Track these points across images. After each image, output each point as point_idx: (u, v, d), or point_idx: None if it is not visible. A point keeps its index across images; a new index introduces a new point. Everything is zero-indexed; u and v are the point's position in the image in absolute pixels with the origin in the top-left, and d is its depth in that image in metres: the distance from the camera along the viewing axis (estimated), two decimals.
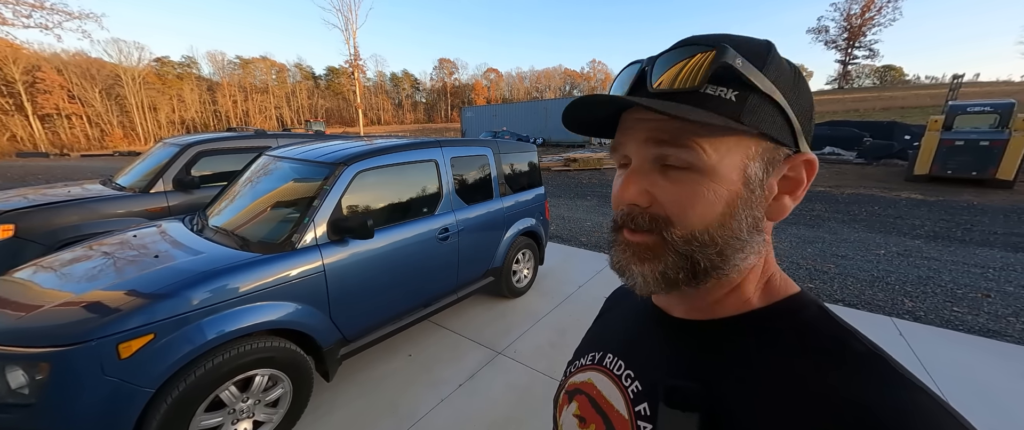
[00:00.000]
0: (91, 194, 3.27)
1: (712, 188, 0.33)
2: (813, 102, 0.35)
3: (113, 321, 1.36)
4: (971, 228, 5.59)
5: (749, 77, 0.30)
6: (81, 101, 46.25)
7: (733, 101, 0.31)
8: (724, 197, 0.33)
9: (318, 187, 2.02)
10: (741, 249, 0.34)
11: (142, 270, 1.68)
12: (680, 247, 0.34)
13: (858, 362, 0.29)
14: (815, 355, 0.31)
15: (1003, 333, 2.80)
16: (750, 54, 0.31)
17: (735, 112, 0.31)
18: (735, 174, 0.33)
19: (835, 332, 0.32)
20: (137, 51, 52.83)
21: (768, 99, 0.31)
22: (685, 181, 0.33)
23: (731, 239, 0.34)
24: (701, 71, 0.31)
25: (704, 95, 0.32)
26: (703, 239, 0.33)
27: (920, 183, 9.06)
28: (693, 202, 0.33)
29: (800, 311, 0.35)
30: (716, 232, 0.33)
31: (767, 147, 0.33)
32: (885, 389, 0.27)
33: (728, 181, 0.33)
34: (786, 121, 0.33)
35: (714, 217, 0.33)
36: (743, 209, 0.33)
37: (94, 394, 1.31)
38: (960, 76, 17.68)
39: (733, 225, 0.33)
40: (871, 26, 59.32)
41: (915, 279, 3.80)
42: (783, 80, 0.32)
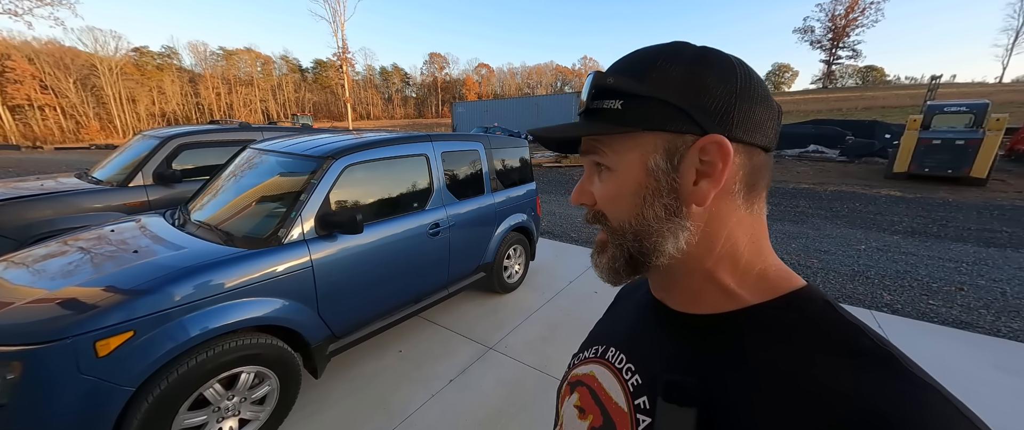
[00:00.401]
0: (66, 188, 3.15)
1: (622, 184, 0.38)
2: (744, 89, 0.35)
3: (90, 318, 1.31)
4: (946, 224, 5.80)
5: (623, 88, 0.36)
6: (54, 92, 44.43)
7: (619, 109, 0.37)
8: (632, 189, 0.37)
9: (305, 181, 1.98)
10: (656, 234, 0.37)
11: (120, 266, 1.62)
12: (613, 238, 0.40)
13: (867, 360, 0.29)
14: (821, 352, 0.30)
15: (975, 325, 2.92)
16: (634, 67, 0.37)
17: (619, 117, 0.36)
18: (636, 168, 0.37)
19: (842, 328, 0.32)
20: (114, 40, 51.00)
21: (652, 99, 0.35)
22: (606, 180, 0.39)
23: (645, 226, 0.37)
24: (587, 93, 0.39)
25: (596, 109, 0.39)
26: (624, 228, 0.38)
27: (899, 180, 9.34)
28: (612, 197, 0.39)
29: (805, 306, 0.34)
30: (633, 221, 0.38)
31: (668, 139, 0.35)
32: (896, 389, 0.27)
33: (631, 175, 0.37)
34: (681, 112, 0.34)
35: (628, 208, 0.38)
36: (652, 198, 0.36)
37: (70, 394, 1.26)
38: (938, 77, 18.28)
39: (646, 213, 0.37)
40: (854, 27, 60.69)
41: (893, 273, 3.92)
42: (668, 80, 0.35)
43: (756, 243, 0.38)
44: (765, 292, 0.36)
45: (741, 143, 0.35)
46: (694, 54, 0.36)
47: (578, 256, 4.33)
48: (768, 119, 0.36)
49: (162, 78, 58.00)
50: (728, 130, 0.34)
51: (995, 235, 5.22)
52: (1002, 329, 2.85)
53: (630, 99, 0.36)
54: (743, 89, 0.35)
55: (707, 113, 0.34)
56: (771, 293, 0.36)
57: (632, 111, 0.36)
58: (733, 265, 0.37)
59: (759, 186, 0.38)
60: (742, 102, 0.35)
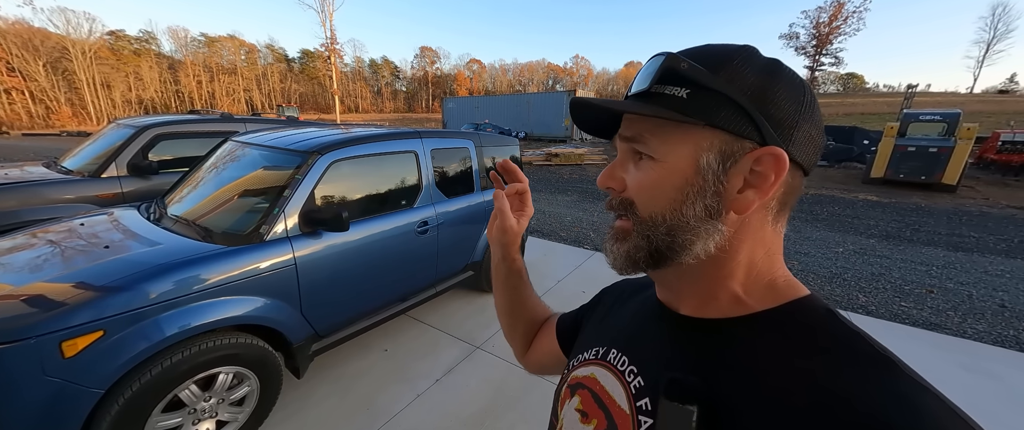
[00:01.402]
0: (33, 177, 3.00)
1: (663, 175, 0.36)
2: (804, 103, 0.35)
3: (55, 317, 1.25)
4: (919, 228, 6.03)
5: (695, 77, 0.34)
6: (22, 74, 42.24)
7: (684, 98, 0.35)
8: (676, 184, 0.36)
9: (290, 176, 1.93)
10: (691, 232, 0.36)
11: (91, 261, 1.55)
12: (641, 228, 0.38)
13: (867, 363, 0.30)
14: (822, 355, 0.31)
15: (943, 326, 3.05)
16: (710, 59, 0.35)
17: (683, 106, 0.35)
18: (685, 163, 0.35)
19: (843, 333, 0.32)
20: (88, 22, 48.71)
21: (721, 96, 0.34)
22: (646, 169, 0.38)
23: (681, 222, 0.36)
24: (652, 74, 0.36)
25: (656, 94, 0.36)
26: (656, 220, 0.37)
27: (876, 185, 9.66)
28: (649, 187, 0.37)
29: (808, 313, 0.35)
30: (668, 214, 0.36)
31: (724, 139, 0.34)
32: (896, 393, 0.27)
33: (679, 169, 0.36)
34: (746, 116, 0.33)
35: (666, 201, 0.36)
36: (695, 196, 0.35)
37: (33, 396, 1.20)
38: (914, 86, 19.00)
39: (683, 210, 0.36)
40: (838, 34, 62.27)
41: (869, 276, 4.06)
42: (742, 79, 0.34)
43: (771, 257, 0.38)
44: (771, 300, 0.36)
45: (792, 161, 0.35)
46: (768, 62, 0.36)
47: (567, 255, 4.35)
48: (820, 144, 0.37)
49: (140, 63, 55.74)
50: (787, 145, 0.34)
51: (963, 240, 5.45)
52: (968, 330, 2.99)
53: (698, 90, 0.35)
54: (808, 108, 0.35)
55: (772, 123, 0.34)
56: (776, 301, 0.36)
57: (698, 102, 0.34)
58: (746, 274, 0.37)
59: (789, 206, 0.38)
60: (804, 121, 0.35)
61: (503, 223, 0.62)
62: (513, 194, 0.66)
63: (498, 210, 0.62)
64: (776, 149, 0.34)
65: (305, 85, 78.96)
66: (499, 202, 0.63)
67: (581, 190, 8.74)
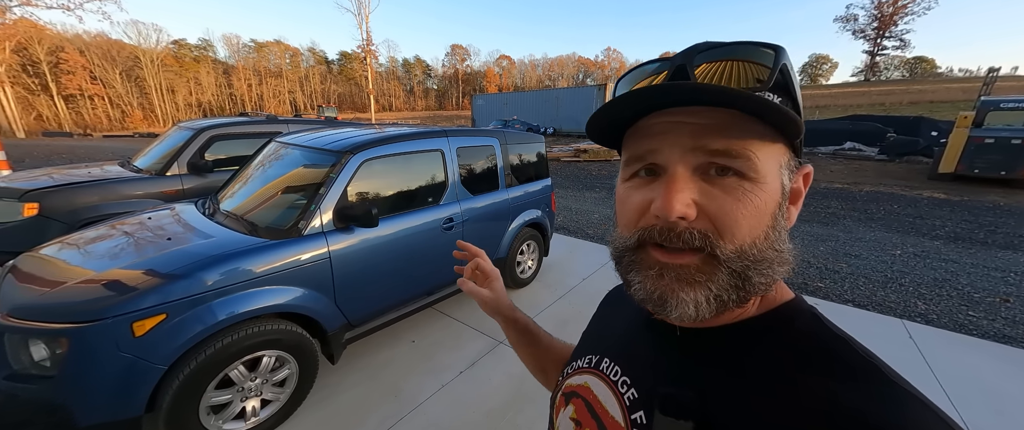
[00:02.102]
0: (110, 175, 3.37)
1: (763, 197, 0.31)
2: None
3: (127, 300, 1.42)
4: (995, 230, 5.39)
5: (792, 83, 0.31)
6: (103, 82, 47.32)
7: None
8: (772, 207, 0.32)
9: (325, 174, 2.05)
10: (783, 262, 0.33)
11: (157, 251, 1.74)
12: (734, 264, 0.31)
13: (853, 372, 0.29)
14: (809, 365, 0.31)
15: (1019, 340, 2.72)
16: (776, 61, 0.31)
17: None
18: (777, 183, 0.32)
19: (829, 341, 0.32)
20: (155, 33, 53.62)
21: (796, 106, 0.32)
22: (737, 190, 0.31)
23: (775, 251, 0.32)
24: (761, 71, 0.30)
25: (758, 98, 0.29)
26: (754, 254, 0.31)
27: (944, 181, 8.72)
28: (747, 213, 0.31)
29: (795, 319, 0.35)
30: (763, 244, 0.31)
31: (791, 156, 0.34)
32: (880, 400, 0.27)
33: (772, 189, 0.32)
34: (799, 130, 0.32)
35: (763, 229, 0.31)
36: (780, 218, 0.33)
37: (110, 369, 1.38)
38: (996, 70, 16.65)
39: (773, 235, 0.32)
40: (903, 15, 56.37)
41: (930, 281, 3.70)
42: (796, 91, 0.32)
43: None
44: (762, 306, 0.36)
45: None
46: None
47: (592, 253, 4.30)
48: None
49: (199, 69, 60.70)
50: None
51: None
52: None
53: (788, 99, 0.32)
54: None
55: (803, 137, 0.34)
56: (766, 306, 0.36)
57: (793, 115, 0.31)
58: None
59: None
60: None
61: (478, 300, 0.67)
62: (472, 272, 0.70)
63: (468, 294, 0.67)
64: (809, 168, 0.35)
65: (343, 85, 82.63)
66: (465, 287, 0.68)
67: (609, 187, 8.56)
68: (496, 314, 0.68)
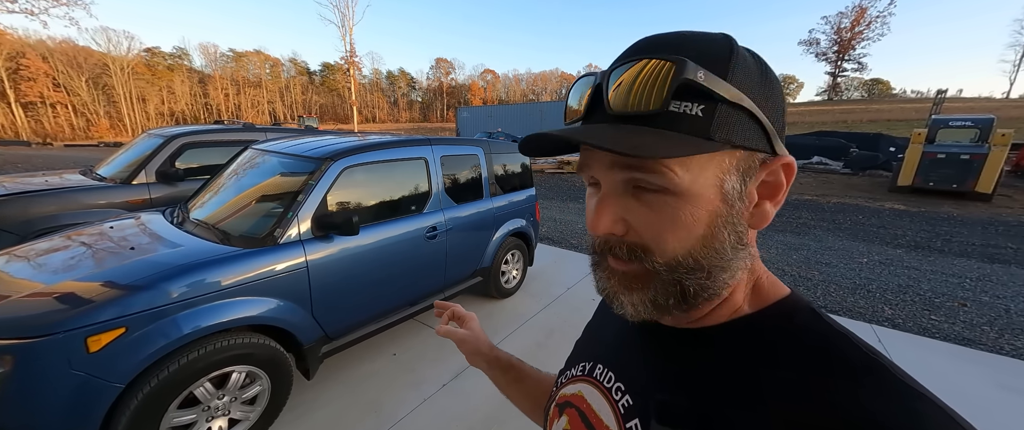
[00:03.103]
0: (70, 184, 3.19)
1: (689, 211, 0.31)
2: (783, 96, 0.33)
3: (82, 313, 1.32)
4: (950, 239, 5.73)
5: (713, 89, 0.28)
6: (67, 90, 45.15)
7: (700, 116, 0.29)
8: (703, 218, 0.31)
9: (303, 182, 2.00)
10: (727, 268, 0.32)
11: (117, 262, 1.63)
12: (665, 275, 0.32)
13: (855, 369, 0.28)
14: (809, 364, 0.30)
15: (977, 341, 2.87)
16: (712, 60, 0.29)
17: (703, 128, 0.29)
18: (712, 192, 0.31)
19: (830, 338, 0.31)
20: (127, 41, 51.84)
21: (736, 107, 0.29)
22: (660, 205, 0.31)
23: (716, 260, 0.32)
24: (663, 90, 0.28)
25: (668, 114, 0.29)
26: (688, 264, 0.32)
27: (903, 194, 9.26)
28: (671, 228, 0.31)
29: (792, 316, 0.33)
30: (700, 255, 0.31)
31: (742, 156, 0.31)
32: (886, 398, 0.26)
33: (705, 200, 0.31)
34: (759, 126, 0.31)
35: (695, 240, 0.31)
36: (724, 227, 0.32)
37: (60, 389, 1.27)
38: (944, 91, 18.23)
39: (716, 245, 0.32)
40: (860, 40, 60.76)
41: (895, 287, 3.88)
42: (750, 82, 0.30)
43: (755, 257, 0.36)
44: (755, 303, 0.35)
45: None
46: (749, 52, 0.31)
47: (577, 263, 4.32)
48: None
49: (172, 78, 58.83)
50: (783, 143, 0.32)
51: (1000, 251, 5.15)
52: (1005, 346, 2.81)
53: (714, 103, 0.29)
54: (783, 98, 0.33)
55: (777, 128, 0.31)
56: (760, 303, 0.35)
57: (717, 120, 0.29)
58: (747, 283, 0.36)
59: None
60: (785, 112, 0.33)
61: (457, 339, 0.68)
62: (448, 319, 0.72)
63: (448, 337, 0.69)
64: (788, 158, 0.32)
65: (325, 97, 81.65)
66: (442, 332, 0.69)
67: None
68: (477, 355, 0.68)
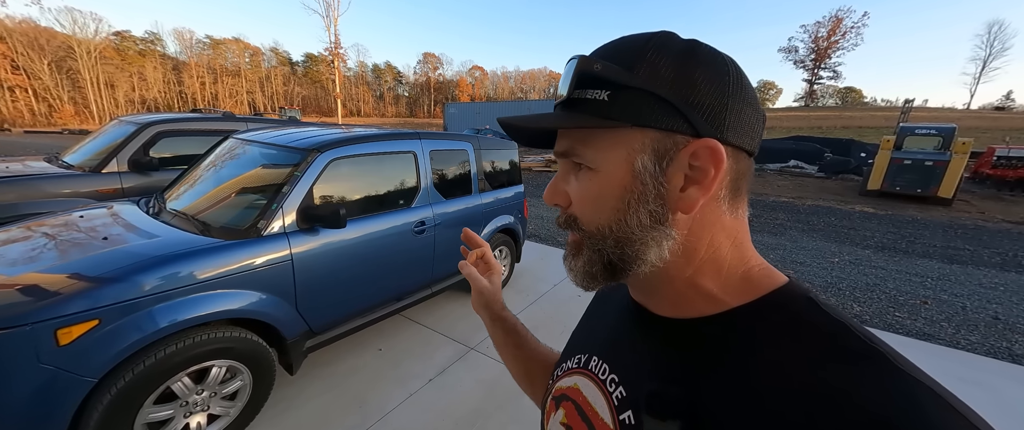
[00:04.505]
0: (33, 171, 3.02)
1: (600, 184, 0.35)
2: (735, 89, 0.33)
3: (52, 305, 1.26)
4: (914, 240, 6.06)
5: (612, 77, 0.33)
6: (26, 73, 42.40)
7: (605, 100, 0.33)
8: (615, 193, 0.34)
9: (289, 173, 1.95)
10: (639, 242, 0.34)
11: (88, 252, 1.56)
12: (590, 242, 0.37)
13: (855, 359, 0.27)
14: (807, 352, 0.29)
15: (936, 337, 3.06)
16: (624, 55, 0.34)
17: (605, 109, 0.33)
18: (621, 169, 0.34)
19: (828, 326, 0.30)
20: (94, 23, 49.01)
21: (644, 93, 0.32)
22: (584, 181, 0.36)
23: (627, 233, 0.34)
24: (569, 80, 0.35)
25: (580, 100, 0.35)
26: (603, 233, 0.35)
27: (872, 197, 9.71)
28: (589, 200, 0.36)
29: (788, 304, 0.32)
30: (612, 226, 0.35)
31: (655, 137, 0.33)
32: (891, 387, 0.25)
33: (615, 177, 0.34)
34: (672, 108, 0.32)
35: (609, 212, 0.35)
36: (637, 203, 0.33)
37: (27, 383, 1.21)
38: (911, 101, 19.25)
39: (628, 220, 0.34)
40: (836, 49, 63.23)
41: (864, 286, 4.08)
42: (660, 72, 0.32)
43: (739, 246, 0.36)
44: (748, 293, 0.34)
45: (731, 146, 0.33)
46: (685, 46, 0.33)
47: None
48: (756, 123, 0.35)
49: (144, 64, 56.03)
50: (720, 132, 0.32)
51: (958, 252, 5.48)
52: (961, 341, 3.00)
53: (618, 90, 0.33)
54: (735, 89, 0.33)
55: (700, 112, 0.32)
56: (754, 293, 0.34)
57: (620, 103, 0.33)
58: (715, 270, 0.35)
59: (743, 190, 0.36)
60: (734, 103, 0.33)
61: (477, 287, 0.66)
62: (476, 260, 0.69)
63: (468, 278, 0.66)
64: (710, 141, 0.32)
65: (308, 88, 79.42)
66: (466, 271, 0.66)
67: None
68: (486, 309, 0.66)
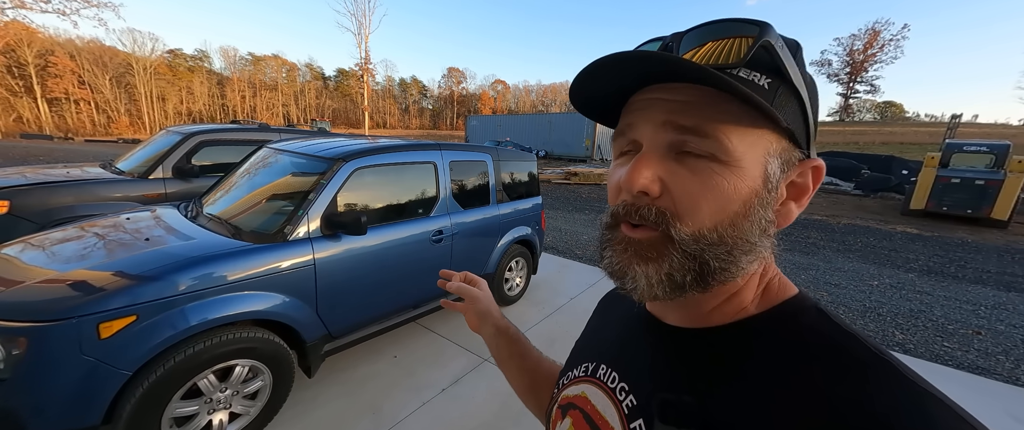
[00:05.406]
0: (89, 176, 3.28)
1: (732, 182, 0.30)
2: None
3: (95, 300, 1.35)
4: (965, 265, 5.61)
5: (785, 64, 0.28)
6: (91, 87, 46.62)
7: (765, 88, 0.29)
8: (743, 194, 0.30)
9: (315, 181, 2.04)
10: (749, 252, 0.31)
11: (131, 252, 1.68)
12: (688, 245, 0.30)
13: (865, 369, 0.27)
14: (817, 363, 0.29)
15: (992, 371, 2.79)
16: (784, 42, 0.30)
17: (769, 98, 0.29)
18: (757, 169, 0.30)
19: (838, 337, 0.30)
20: (151, 42, 53.54)
21: (795, 94, 0.30)
22: (704, 171, 0.30)
23: (741, 240, 0.31)
24: (743, 47, 0.28)
25: (736, 77, 0.29)
26: (712, 238, 0.30)
27: (916, 218, 9.10)
28: (710, 195, 0.30)
29: (799, 315, 0.32)
30: (726, 231, 0.30)
31: (786, 146, 0.31)
32: (896, 399, 0.25)
33: (750, 176, 0.30)
34: (804, 121, 0.31)
35: (728, 214, 0.30)
36: (758, 208, 0.31)
37: (70, 373, 1.29)
38: (958, 116, 18.04)
39: (745, 225, 0.31)
40: (873, 62, 60.56)
41: (907, 312, 3.79)
42: (808, 78, 0.31)
43: (769, 259, 0.36)
44: (764, 303, 0.34)
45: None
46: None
47: (581, 273, 4.29)
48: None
49: (192, 79, 60.47)
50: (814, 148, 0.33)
51: (1017, 280, 5.02)
52: (1021, 377, 2.72)
53: (779, 81, 0.29)
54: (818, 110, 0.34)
55: (815, 128, 0.32)
56: (768, 304, 0.34)
57: (781, 97, 0.29)
58: (755, 282, 0.35)
59: None
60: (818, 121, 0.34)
61: (471, 295, 0.67)
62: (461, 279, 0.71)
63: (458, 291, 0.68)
64: (820, 162, 0.32)
65: (338, 101, 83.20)
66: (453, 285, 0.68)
67: (599, 209, 8.66)
68: (486, 319, 0.65)
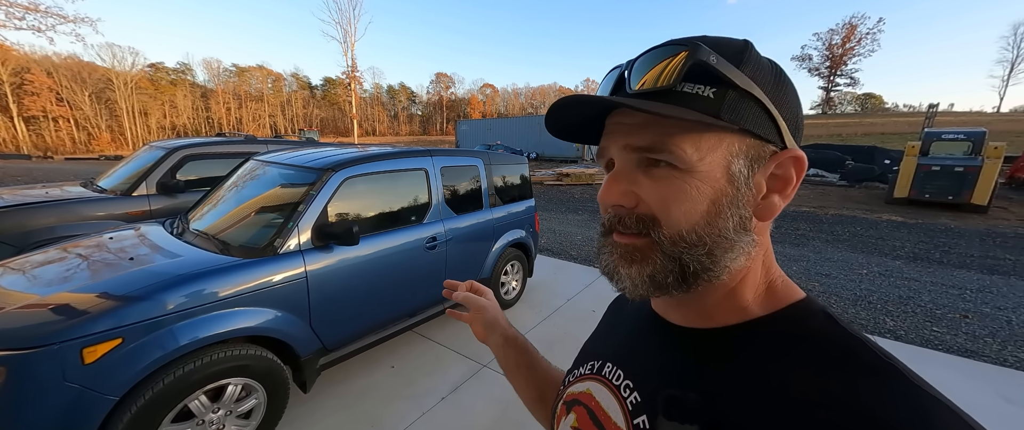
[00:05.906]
0: (70, 196, 3.19)
1: (694, 185, 0.32)
2: (799, 101, 0.36)
3: (78, 324, 1.30)
4: (949, 250, 5.74)
5: (725, 73, 0.31)
6: (69, 104, 45.57)
7: (711, 98, 0.31)
8: (709, 195, 0.32)
9: (304, 192, 2.01)
10: (730, 249, 0.33)
11: (115, 272, 1.63)
12: (667, 248, 0.33)
13: (871, 373, 0.28)
14: (823, 366, 0.29)
15: (981, 353, 2.85)
16: (726, 52, 0.32)
17: (713, 108, 0.31)
18: (719, 172, 0.32)
19: (844, 341, 0.31)
20: (131, 56, 52.62)
21: (747, 95, 0.32)
22: (668, 179, 0.33)
23: (719, 238, 0.33)
24: (676, 69, 0.32)
25: (681, 94, 0.32)
26: (691, 239, 0.33)
27: (900, 206, 9.31)
28: (678, 200, 0.33)
29: (806, 319, 0.33)
30: (703, 231, 0.33)
31: (751, 144, 0.33)
32: (902, 405, 0.26)
33: (712, 178, 0.32)
34: (769, 117, 0.32)
35: (700, 215, 0.33)
36: (729, 207, 0.33)
37: (53, 401, 1.24)
38: (935, 105, 18.60)
39: (720, 224, 0.33)
40: (851, 56, 62.09)
41: (896, 299, 3.87)
42: (762, 77, 0.32)
43: (768, 257, 0.37)
44: (770, 304, 0.35)
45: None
46: (767, 57, 0.34)
47: (577, 274, 4.30)
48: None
49: (175, 92, 59.50)
50: (797, 142, 0.35)
51: (999, 263, 5.16)
52: (1008, 358, 2.78)
53: (725, 89, 0.31)
54: (799, 102, 0.35)
55: (788, 123, 0.34)
56: (775, 305, 0.35)
57: (728, 104, 0.31)
58: (753, 280, 0.36)
59: None
60: (801, 115, 0.35)
61: (478, 304, 0.67)
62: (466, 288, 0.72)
63: (464, 301, 0.68)
64: (799, 152, 0.34)
65: (326, 110, 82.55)
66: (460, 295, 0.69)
67: (592, 210, 8.71)
68: (491, 333, 0.65)
